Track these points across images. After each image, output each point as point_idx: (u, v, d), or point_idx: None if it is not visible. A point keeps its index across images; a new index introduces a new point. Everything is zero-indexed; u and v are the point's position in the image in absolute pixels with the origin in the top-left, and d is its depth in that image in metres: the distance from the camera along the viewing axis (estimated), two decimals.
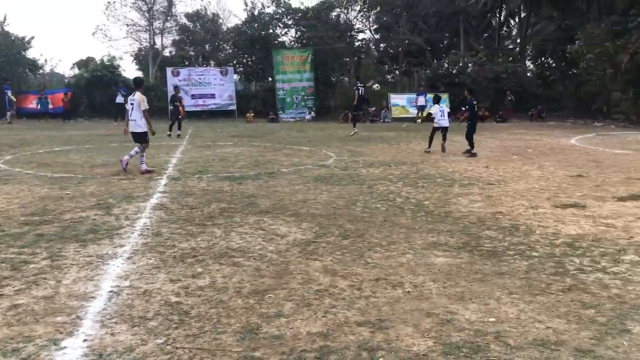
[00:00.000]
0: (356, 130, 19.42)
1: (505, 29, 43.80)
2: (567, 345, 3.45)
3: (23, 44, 33.18)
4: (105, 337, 3.58)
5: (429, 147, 14.82)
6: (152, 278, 4.71)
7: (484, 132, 21.03)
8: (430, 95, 31.21)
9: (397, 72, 41.11)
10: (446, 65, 35.22)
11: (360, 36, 39.74)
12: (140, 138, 10.93)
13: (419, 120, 29.36)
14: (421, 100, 29.97)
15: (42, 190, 8.84)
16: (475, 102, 14.34)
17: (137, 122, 10.84)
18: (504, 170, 11.30)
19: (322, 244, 5.78)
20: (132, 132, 10.98)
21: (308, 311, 4.01)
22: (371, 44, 40.54)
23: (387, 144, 17.46)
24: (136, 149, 10.93)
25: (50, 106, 31.11)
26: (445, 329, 3.70)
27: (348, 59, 37.76)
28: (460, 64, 34.49)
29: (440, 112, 15.04)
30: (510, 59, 35.55)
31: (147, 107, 10.94)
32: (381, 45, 40.45)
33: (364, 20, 39.84)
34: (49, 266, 5.00)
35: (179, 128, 19.97)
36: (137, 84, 11.44)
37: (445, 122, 14.93)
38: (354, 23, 39.06)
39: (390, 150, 15.34)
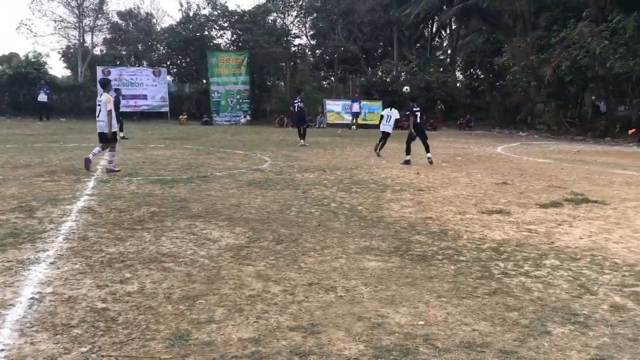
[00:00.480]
0: (303, 143, 18.60)
1: (437, 40, 45.22)
2: (491, 347, 3.57)
3: None
4: (24, 346, 3.41)
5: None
6: (78, 284, 4.53)
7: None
8: (364, 103, 31.82)
9: (332, 78, 41.58)
10: (380, 74, 35.91)
11: (297, 41, 40.04)
12: (106, 139, 11.01)
13: (354, 126, 29.78)
14: (355, 107, 30.43)
15: None
16: (415, 108, 14.05)
17: (103, 123, 10.95)
18: (434, 177, 11.62)
19: (255, 249, 5.74)
20: (98, 133, 11.10)
21: (240, 317, 3.97)
22: (307, 50, 40.81)
23: (322, 149, 17.59)
24: (98, 148, 11.13)
25: None
26: (376, 333, 3.76)
27: (284, 64, 37.82)
28: (394, 73, 35.26)
29: (387, 117, 15.99)
30: (441, 69, 36.67)
31: (112, 108, 10.96)
32: (317, 51, 40.80)
33: (301, 26, 40.16)
34: None
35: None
36: (103, 85, 11.32)
37: (388, 128, 15.84)
38: (290, 28, 39.28)
39: (325, 156, 15.46)
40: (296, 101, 19.30)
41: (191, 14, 36.26)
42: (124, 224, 6.64)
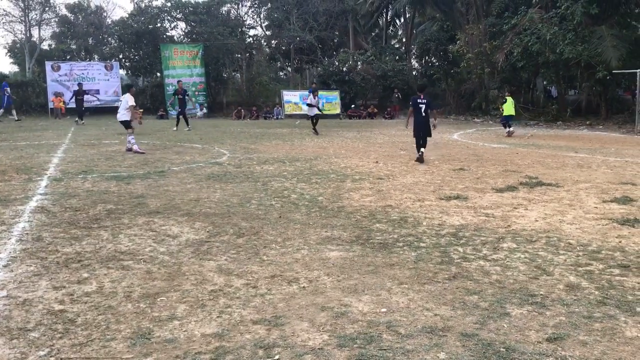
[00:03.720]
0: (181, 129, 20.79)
1: (391, 28, 45.52)
2: (453, 331, 3.64)
3: None
4: None
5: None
6: (33, 286, 4.40)
7: (373, 129, 21.73)
8: (322, 93, 31.83)
9: (289, 69, 41.42)
10: (337, 63, 35.98)
11: (252, 32, 39.70)
12: (127, 125, 13.93)
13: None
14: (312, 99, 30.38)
15: None
16: (419, 100, 12.28)
17: (123, 114, 13.91)
18: (393, 165, 11.74)
19: (216, 243, 5.69)
20: (121, 121, 14.08)
21: (202, 312, 3.94)
22: (262, 41, 40.51)
23: (281, 140, 17.53)
24: (131, 136, 13.72)
25: None
26: (339, 322, 3.78)
27: (240, 55, 37.47)
28: (350, 62, 35.36)
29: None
30: (397, 57, 36.96)
31: (133, 103, 14.07)
32: (273, 41, 40.56)
33: (255, 17, 39.87)
34: None
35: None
36: (127, 87, 15.44)
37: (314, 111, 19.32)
38: (245, 19, 38.95)
39: (284, 147, 15.41)
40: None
41: (143, 5, 35.52)
42: (80, 222, 6.49)
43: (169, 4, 35.52)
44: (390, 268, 4.94)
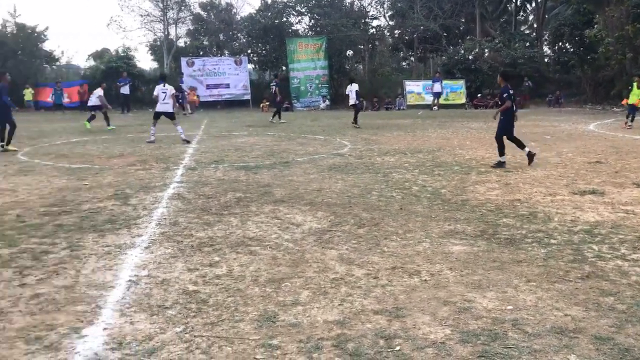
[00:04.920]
0: (282, 120, 21.52)
1: (522, 13, 43.26)
2: (585, 333, 3.42)
3: (39, 36, 33.37)
4: (124, 325, 3.62)
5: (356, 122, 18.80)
6: (170, 267, 4.75)
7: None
8: (446, 82, 31.06)
9: (412, 58, 40.87)
10: (462, 52, 34.92)
11: (375, 23, 39.56)
12: (173, 116, 14.90)
13: (435, 107, 29.20)
14: (437, 87, 29.81)
15: (60, 181, 8.94)
16: (512, 91, 10.18)
17: (169, 105, 14.75)
18: (522, 157, 11.19)
19: (338, 233, 5.78)
20: (165, 112, 14.73)
21: (324, 299, 4.02)
22: (386, 31, 40.28)
23: (403, 131, 17.37)
24: (177, 127, 14.78)
25: (67, 100, 31.16)
26: (462, 317, 3.69)
27: (362, 46, 37.56)
28: (477, 50, 34.15)
29: (351, 92, 19.53)
30: (527, 44, 35.09)
31: (174, 94, 15.19)
32: (396, 31, 40.19)
33: (378, 7, 39.64)
34: (69, 256, 5.07)
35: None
36: (164, 77, 15.71)
37: (352, 101, 19.64)
38: (368, 10, 38.88)
39: (406, 138, 15.26)
40: (273, 84, 22.91)
41: (269, 1, 36.69)
42: (212, 209, 6.88)
43: None
44: (518, 265, 4.74)
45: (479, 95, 32.21)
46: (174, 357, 3.21)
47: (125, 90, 28.71)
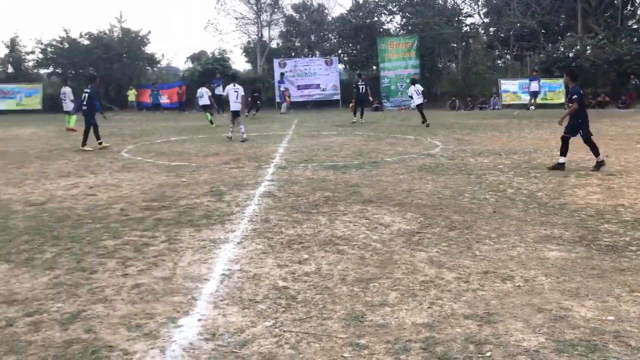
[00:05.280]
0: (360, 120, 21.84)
1: (629, 7, 40.56)
2: None
3: (142, 39, 35.27)
4: (217, 317, 3.76)
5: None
6: (261, 262, 4.88)
7: (604, 119, 19.73)
8: (544, 81, 29.75)
9: (507, 57, 39.49)
10: (562, 49, 33.26)
11: (469, 20, 38.53)
12: (238, 114, 15.70)
13: (532, 107, 28.05)
14: (534, 86, 28.66)
15: (160, 177, 9.42)
16: (582, 91, 9.78)
17: (238, 104, 15.53)
18: (627, 159, 10.52)
19: (428, 235, 5.70)
20: (233, 111, 15.55)
21: (413, 301, 3.98)
22: (480, 29, 39.16)
23: (497, 132, 16.83)
24: (240, 126, 15.39)
25: (167, 100, 32.75)
26: (558, 326, 3.53)
27: (455, 45, 36.73)
28: (578, 47, 32.43)
29: (415, 92, 19.90)
30: (635, 40, 32.86)
31: (243, 94, 15.96)
32: (491, 29, 38.94)
33: (473, 4, 38.56)
34: (167, 249, 5.33)
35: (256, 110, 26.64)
36: (234, 78, 17.27)
37: (416, 101, 20.01)
38: (462, 7, 37.94)
39: (501, 139, 14.77)
40: (361, 83, 22.82)
41: (361, 1, 36.73)
42: (301, 207, 6.99)
43: None
44: (620, 273, 4.46)
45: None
46: (264, 350, 3.29)
47: (219, 90, 29.87)
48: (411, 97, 21.01)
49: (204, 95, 21.41)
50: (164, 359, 3.24)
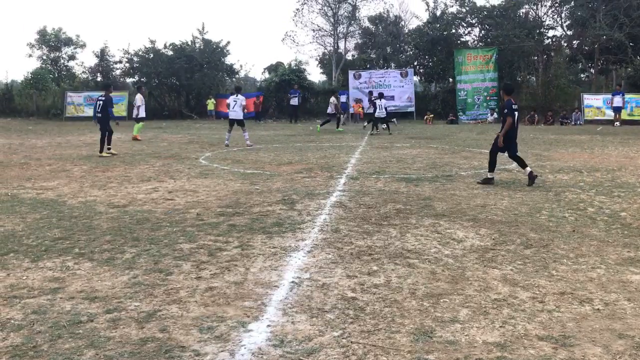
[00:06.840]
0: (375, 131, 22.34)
1: None
2: None
3: (222, 50, 36.38)
4: (286, 324, 3.81)
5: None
6: (330, 272, 4.90)
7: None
8: (631, 96, 28.31)
9: (592, 70, 37.87)
10: None
11: (551, 33, 37.27)
12: (242, 123, 17.15)
13: (617, 123, 26.75)
14: (617, 101, 27.33)
15: (235, 184, 9.67)
16: (516, 106, 9.99)
17: (238, 113, 17.05)
18: None
19: (502, 252, 5.54)
20: (236, 119, 17.05)
21: (485, 320, 3.88)
22: (562, 41, 37.79)
23: (579, 148, 16.15)
24: (245, 133, 17.03)
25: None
26: None
27: (536, 57, 35.61)
28: None
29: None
30: None
31: (244, 104, 17.44)
32: (574, 42, 37.49)
33: (555, 16, 37.28)
34: (240, 254, 5.46)
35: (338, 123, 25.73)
36: (238, 89, 17.85)
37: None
38: (543, 19, 36.77)
39: (582, 156, 14.17)
40: (375, 98, 23.41)
41: (438, 13, 36.36)
42: (372, 219, 6.97)
43: (464, 10, 35.66)
44: None
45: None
46: None
47: (294, 101, 30.44)
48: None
49: (331, 104, 24.70)
50: None
